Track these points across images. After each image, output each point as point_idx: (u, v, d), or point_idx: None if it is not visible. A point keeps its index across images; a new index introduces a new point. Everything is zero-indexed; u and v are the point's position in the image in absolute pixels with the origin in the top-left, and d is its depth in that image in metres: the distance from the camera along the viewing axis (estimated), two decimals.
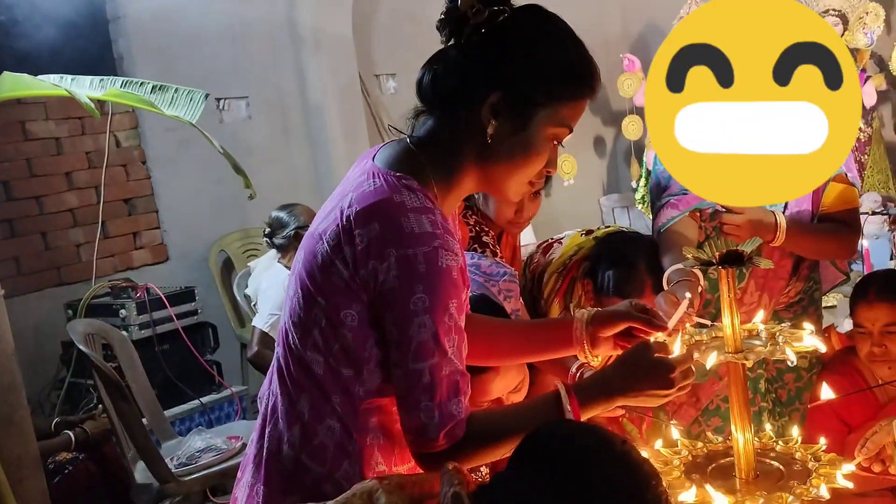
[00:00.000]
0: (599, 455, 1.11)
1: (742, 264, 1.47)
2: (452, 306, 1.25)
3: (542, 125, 1.31)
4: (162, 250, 4.42)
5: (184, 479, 2.90)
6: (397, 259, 1.21)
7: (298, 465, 1.31)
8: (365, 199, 1.27)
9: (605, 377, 1.40)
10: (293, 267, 1.37)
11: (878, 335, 2.17)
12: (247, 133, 4.69)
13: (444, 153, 1.33)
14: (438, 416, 1.24)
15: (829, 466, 1.42)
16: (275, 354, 1.39)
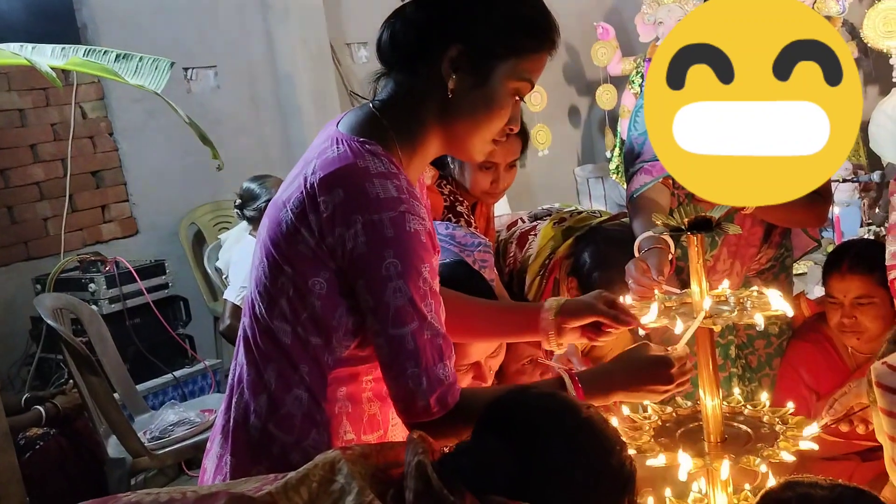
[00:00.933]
0: (562, 421, 1.11)
1: (710, 230, 1.47)
2: (425, 270, 1.24)
3: (502, 79, 1.29)
4: (131, 223, 4.36)
5: (157, 452, 2.90)
6: (364, 225, 1.20)
7: (265, 434, 1.30)
8: (328, 165, 1.25)
9: (607, 371, 1.43)
10: (258, 236, 1.36)
11: (849, 306, 2.19)
12: (215, 103, 4.63)
13: (407, 115, 1.32)
14: (426, 381, 1.22)
15: (796, 429, 1.43)
16: (241, 325, 1.37)
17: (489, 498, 1.03)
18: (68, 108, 4.04)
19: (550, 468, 1.07)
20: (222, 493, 1.00)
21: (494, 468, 1.06)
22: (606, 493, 1.11)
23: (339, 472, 1.05)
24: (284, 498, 1.01)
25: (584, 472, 1.09)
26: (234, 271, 3.57)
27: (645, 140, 2.25)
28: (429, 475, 1.02)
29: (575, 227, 2.35)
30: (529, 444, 1.08)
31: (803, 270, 4.46)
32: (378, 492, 1.05)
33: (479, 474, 1.06)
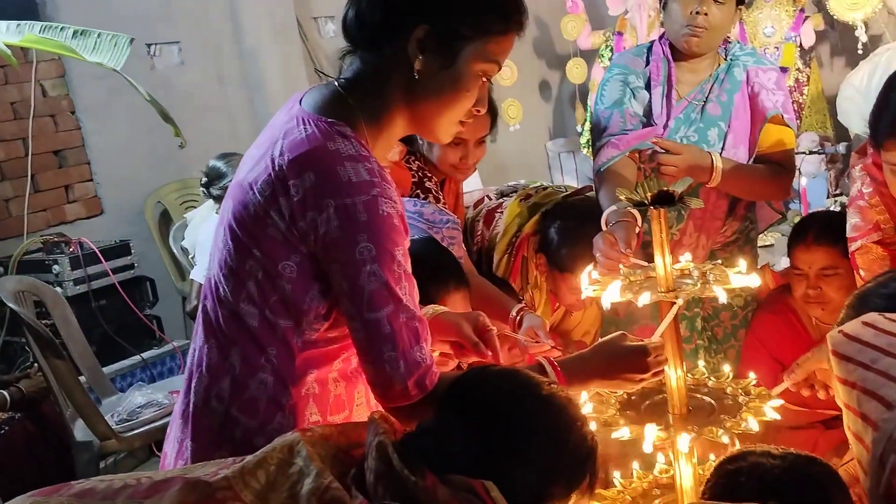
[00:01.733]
0: (523, 398, 1.11)
1: (673, 204, 1.47)
2: (398, 253, 1.23)
3: (470, 60, 1.28)
4: (96, 203, 4.28)
5: (125, 435, 2.88)
6: (336, 209, 1.19)
7: (228, 418, 1.28)
8: (297, 147, 1.23)
9: (585, 359, 1.46)
10: (221, 217, 1.33)
11: (815, 278, 2.20)
12: (180, 79, 4.54)
13: (373, 94, 1.30)
14: (404, 365, 1.22)
15: (759, 400, 1.45)
16: (201, 306, 1.35)
17: (451, 477, 1.03)
18: (28, 86, 3.94)
19: (512, 446, 1.07)
20: (178, 479, 0.98)
21: (456, 448, 1.06)
22: (569, 469, 1.11)
23: (298, 455, 1.04)
24: (241, 482, 1.00)
25: (546, 448, 1.09)
26: (201, 251, 3.53)
27: (612, 114, 2.24)
28: (389, 455, 1.02)
29: (541, 203, 2.35)
30: (491, 423, 1.08)
31: (770, 242, 4.50)
32: (339, 473, 1.04)
33: (440, 454, 1.06)
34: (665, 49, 2.25)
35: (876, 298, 1.30)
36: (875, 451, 1.05)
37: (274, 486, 1.01)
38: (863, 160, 1.94)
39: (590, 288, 1.58)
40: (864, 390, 1.10)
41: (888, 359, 1.10)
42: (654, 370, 1.44)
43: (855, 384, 1.12)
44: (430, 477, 1.01)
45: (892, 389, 1.06)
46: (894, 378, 1.07)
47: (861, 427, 1.10)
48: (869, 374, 1.10)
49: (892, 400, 1.05)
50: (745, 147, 2.24)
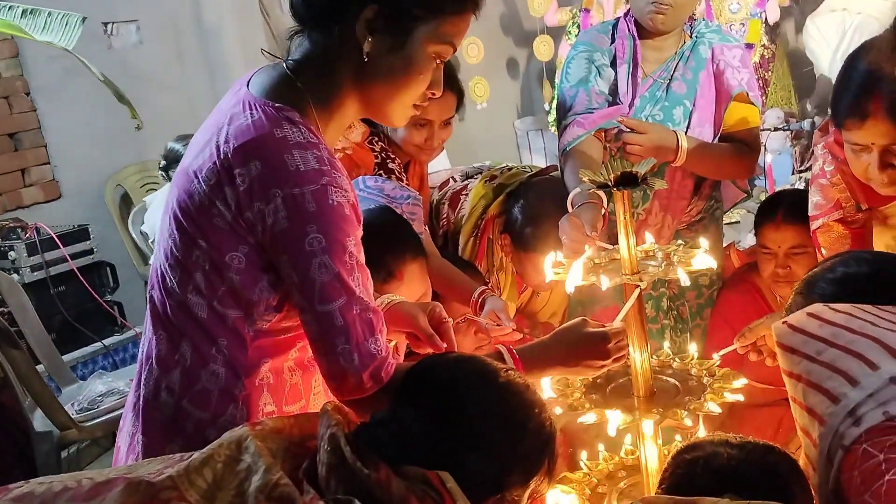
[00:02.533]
0: (479, 384, 1.08)
1: (637, 185, 1.45)
2: (350, 244, 1.19)
3: (422, 42, 1.23)
4: (53, 187, 4.19)
5: (85, 424, 2.82)
6: (284, 199, 1.15)
7: (179, 411, 1.25)
8: (243, 133, 1.18)
9: (545, 345, 1.43)
10: (166, 206, 1.28)
11: (784, 257, 2.19)
12: (138, 59, 4.44)
13: (322, 77, 1.25)
14: (358, 357, 1.19)
15: (723, 381, 1.44)
16: (148, 296, 1.30)
17: (406, 469, 1.00)
18: None
19: (469, 434, 1.04)
20: (119, 480, 0.94)
21: (411, 438, 1.03)
22: (527, 456, 1.09)
23: (246, 451, 1.00)
24: (186, 481, 0.96)
25: (504, 435, 1.07)
26: None
27: (577, 92, 2.22)
28: (342, 448, 0.98)
29: (506, 184, 2.32)
30: (446, 411, 1.05)
31: (736, 219, 4.52)
32: (292, 466, 1.01)
33: (395, 445, 1.03)
34: (630, 26, 2.22)
35: (823, 283, 1.28)
36: (822, 447, 1.03)
37: (221, 485, 0.98)
38: (825, 138, 1.93)
39: (553, 271, 1.56)
40: (810, 383, 1.07)
41: (834, 350, 1.07)
42: (614, 357, 1.42)
43: (800, 377, 1.09)
44: (383, 469, 0.98)
45: (838, 382, 1.03)
46: (840, 370, 1.04)
47: (808, 421, 1.07)
48: (814, 367, 1.07)
49: (838, 393, 1.03)
50: (710, 125, 2.23)
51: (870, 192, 1.79)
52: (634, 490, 1.52)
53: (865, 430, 0.97)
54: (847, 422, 0.99)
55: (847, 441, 0.99)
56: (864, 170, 1.70)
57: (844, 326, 1.08)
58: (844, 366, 1.03)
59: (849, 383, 1.01)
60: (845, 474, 0.97)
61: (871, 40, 1.73)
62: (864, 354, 1.03)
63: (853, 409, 0.99)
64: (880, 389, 0.99)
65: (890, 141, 1.64)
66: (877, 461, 0.94)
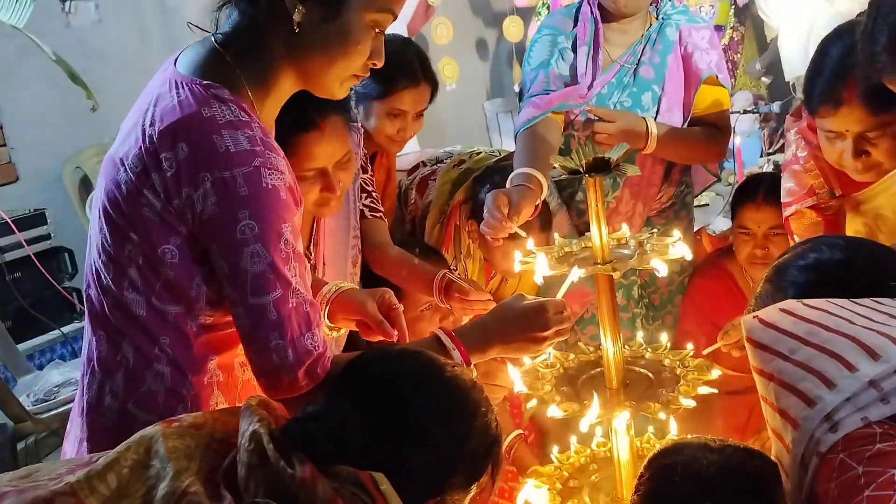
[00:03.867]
0: (424, 379, 1.02)
1: (609, 172, 1.40)
2: (286, 230, 1.12)
3: (358, 11, 1.16)
4: (10, 170, 4.06)
5: (41, 416, 2.74)
6: (213, 184, 1.08)
7: (125, 415, 1.19)
8: (169, 114, 1.11)
9: (482, 324, 1.37)
10: (94, 198, 1.21)
11: (762, 238, 2.17)
12: (98, 37, 4.30)
13: (253, 50, 1.17)
14: (293, 353, 1.13)
15: (697, 372, 1.41)
16: (84, 296, 1.24)
17: (336, 469, 0.93)
18: None
19: (410, 430, 0.98)
20: (10, 493, 0.87)
21: (347, 434, 0.96)
22: (470, 458, 1.03)
23: (156, 455, 0.92)
24: (87, 488, 0.89)
25: (449, 433, 1.01)
26: None
27: (536, 75, 2.18)
28: (264, 445, 0.91)
29: (473, 169, 2.27)
30: (385, 406, 0.98)
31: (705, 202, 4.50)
32: (210, 467, 0.93)
33: (328, 441, 0.96)
34: (594, 9, 2.17)
35: (794, 270, 1.23)
36: (796, 452, 0.98)
37: (126, 492, 0.90)
38: (798, 123, 1.90)
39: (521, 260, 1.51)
40: (782, 383, 1.02)
41: (808, 349, 1.01)
42: (555, 327, 1.36)
43: (772, 376, 1.04)
44: (309, 468, 0.91)
45: (813, 383, 0.98)
46: (815, 371, 0.99)
47: (780, 424, 1.02)
48: (787, 366, 1.02)
49: (813, 395, 0.98)
50: (679, 110, 2.19)
51: (844, 178, 1.77)
52: (606, 483, 1.48)
53: (843, 437, 0.92)
54: (823, 427, 0.94)
55: (823, 448, 0.94)
56: (839, 157, 1.68)
57: (819, 324, 1.03)
58: (820, 366, 0.98)
59: (825, 385, 0.97)
60: (821, 485, 0.93)
61: (844, 25, 1.70)
62: (842, 355, 0.98)
63: (829, 413, 0.95)
64: (858, 393, 0.95)
65: (864, 128, 1.62)
66: (855, 474, 0.89)
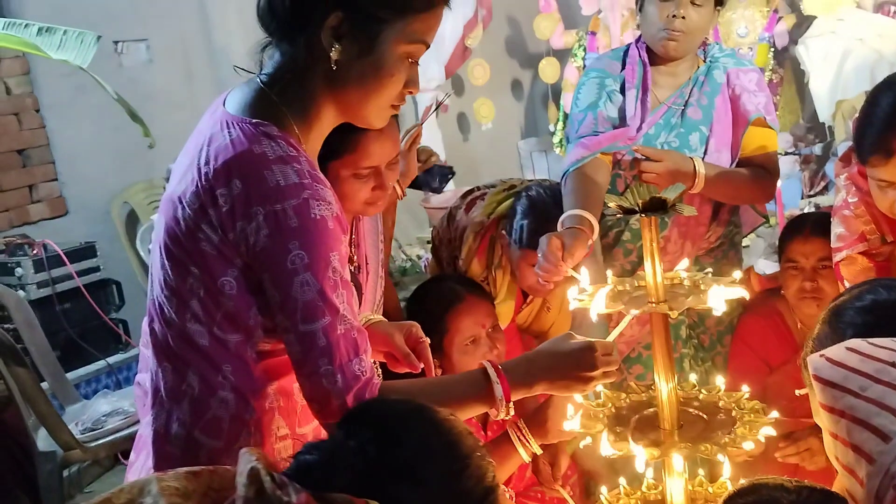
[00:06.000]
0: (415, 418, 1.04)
1: (665, 212, 1.43)
2: (334, 259, 1.16)
3: (392, 43, 1.20)
4: (60, 203, 4.17)
5: (89, 444, 2.79)
6: (265, 216, 1.13)
7: (191, 442, 1.23)
8: (222, 153, 1.16)
9: (529, 360, 1.37)
10: (155, 236, 1.26)
11: (811, 271, 2.16)
12: (148, 77, 4.44)
13: (296, 88, 1.23)
14: (342, 379, 1.16)
15: (753, 414, 1.41)
16: (148, 328, 1.28)
17: (331, 496, 0.94)
18: None
19: (398, 466, 1.00)
20: None
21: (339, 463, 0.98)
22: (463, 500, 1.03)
23: (148, 494, 0.94)
24: None
25: (437, 473, 1.01)
26: None
27: (585, 116, 2.20)
28: (261, 478, 0.92)
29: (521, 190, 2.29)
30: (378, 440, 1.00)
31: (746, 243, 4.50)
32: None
33: (324, 469, 0.98)
34: (641, 52, 2.20)
35: (852, 312, 1.25)
36: (870, 486, 0.98)
37: None
38: (847, 169, 1.91)
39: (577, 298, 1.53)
40: (855, 419, 1.03)
41: (879, 386, 1.03)
42: (602, 368, 1.35)
43: (843, 412, 1.05)
44: (304, 495, 0.92)
45: (887, 419, 0.99)
46: (889, 407, 1.00)
47: (853, 459, 1.03)
48: (859, 403, 1.03)
49: (888, 431, 0.99)
50: (727, 150, 2.21)
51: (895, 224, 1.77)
52: None
53: None
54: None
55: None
56: (890, 205, 1.68)
57: (888, 362, 1.05)
58: (894, 402, 1.00)
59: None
60: None
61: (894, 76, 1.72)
62: None
63: None
64: None
65: None
66: None
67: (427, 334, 1.58)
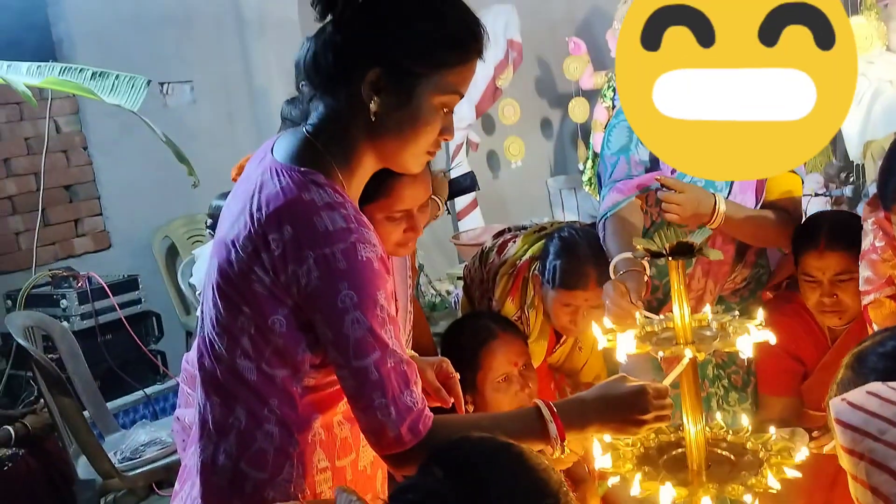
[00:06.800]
0: (506, 459, 1.06)
1: (692, 255, 1.47)
2: (381, 297, 1.23)
3: (427, 95, 1.26)
4: (104, 237, 4.31)
5: (128, 473, 2.85)
6: (315, 260, 1.19)
7: (237, 473, 1.28)
8: (273, 200, 1.23)
9: (582, 401, 1.40)
10: (207, 275, 1.33)
11: (829, 285, 2.07)
12: (191, 117, 4.59)
13: (339, 137, 1.29)
14: (395, 411, 1.21)
15: (780, 456, 1.44)
16: (198, 363, 1.34)
17: None
18: (42, 123, 3.99)
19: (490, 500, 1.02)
20: None
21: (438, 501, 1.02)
22: None
23: None
24: None
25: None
26: None
27: (617, 160, 2.23)
28: None
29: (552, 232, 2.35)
30: (469, 482, 1.03)
31: None
32: None
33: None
34: None
35: (874, 357, 1.28)
36: None
37: None
38: (875, 213, 1.93)
39: (604, 338, 1.58)
40: (874, 462, 1.07)
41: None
42: (656, 413, 1.38)
43: (863, 455, 1.09)
44: None
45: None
46: None
47: (871, 500, 1.06)
48: (878, 446, 1.08)
49: None
50: (752, 193, 2.21)
51: None
52: None
53: None
54: None
55: None
56: None
57: None
58: None
59: None
60: None
61: None
62: None
63: None
64: None
65: None
66: None
67: (460, 370, 1.63)
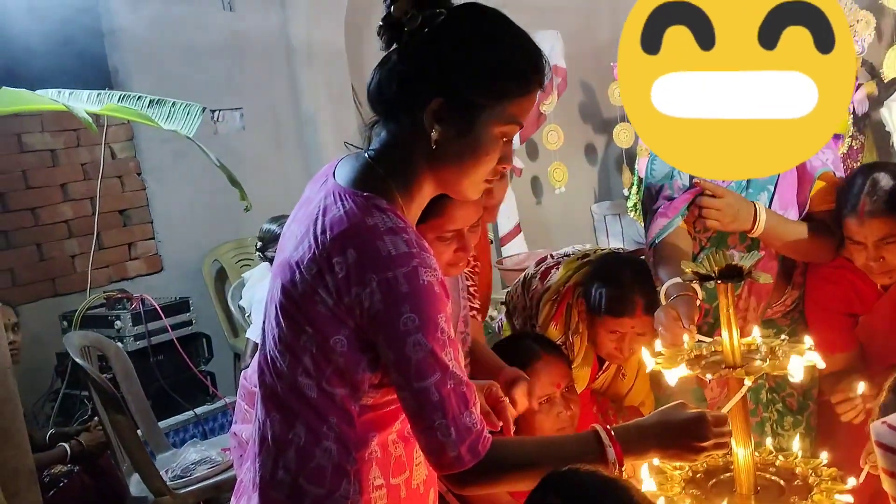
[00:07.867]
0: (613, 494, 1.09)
1: (741, 279, 1.48)
2: (441, 320, 1.24)
3: (488, 125, 1.28)
4: (156, 261, 4.42)
5: (179, 491, 2.90)
6: (379, 283, 1.21)
7: (296, 489, 1.30)
8: (337, 224, 1.26)
9: (642, 427, 1.40)
10: (270, 295, 1.36)
11: (874, 248, 2.03)
12: (241, 144, 4.70)
13: (400, 163, 1.32)
14: (455, 431, 1.23)
15: (830, 482, 1.43)
16: (258, 381, 1.37)
17: None
18: (98, 149, 4.11)
19: None
20: None
21: None
22: None
23: None
24: None
25: None
26: (258, 310, 3.60)
27: (661, 186, 2.23)
28: None
29: (594, 260, 2.36)
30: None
31: None
32: None
33: None
34: None
35: None
36: None
37: None
38: None
39: (652, 360, 1.58)
40: None
41: None
42: (715, 440, 1.36)
43: None
44: None
45: None
46: None
47: None
48: None
49: None
50: (794, 209, 2.18)
51: None
52: None
53: None
54: None
55: None
56: None
57: None
58: None
59: None
60: None
61: None
62: None
63: None
64: None
65: None
66: None
67: None
